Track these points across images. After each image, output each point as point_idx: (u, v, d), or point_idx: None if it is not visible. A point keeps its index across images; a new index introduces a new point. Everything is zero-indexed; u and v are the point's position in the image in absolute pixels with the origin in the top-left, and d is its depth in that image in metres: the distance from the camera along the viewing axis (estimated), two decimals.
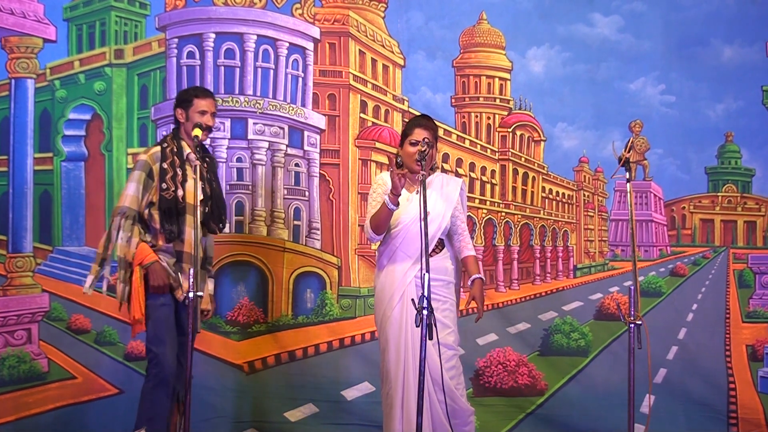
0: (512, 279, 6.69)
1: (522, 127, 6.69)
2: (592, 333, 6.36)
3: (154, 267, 4.56)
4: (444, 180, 4.69)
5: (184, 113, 4.71)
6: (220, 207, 4.83)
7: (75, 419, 5.83)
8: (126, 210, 4.56)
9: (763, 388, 6.03)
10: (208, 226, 4.76)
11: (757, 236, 6.43)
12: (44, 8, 6.17)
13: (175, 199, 4.57)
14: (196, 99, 4.69)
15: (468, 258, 4.63)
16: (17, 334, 5.97)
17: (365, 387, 6.08)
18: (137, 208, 4.59)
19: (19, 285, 6.05)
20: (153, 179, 4.60)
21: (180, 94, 4.89)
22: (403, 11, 6.49)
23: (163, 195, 4.57)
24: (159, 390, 4.58)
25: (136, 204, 4.58)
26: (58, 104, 6.24)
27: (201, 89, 4.91)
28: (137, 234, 4.59)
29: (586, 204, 6.75)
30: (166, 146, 4.68)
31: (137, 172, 4.63)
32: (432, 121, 4.65)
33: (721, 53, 6.32)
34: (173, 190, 4.57)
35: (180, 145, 4.70)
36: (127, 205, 4.57)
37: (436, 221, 4.50)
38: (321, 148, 6.43)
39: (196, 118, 4.63)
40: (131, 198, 4.58)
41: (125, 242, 4.55)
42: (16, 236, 6.09)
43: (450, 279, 4.56)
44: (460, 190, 4.67)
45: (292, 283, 6.25)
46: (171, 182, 4.58)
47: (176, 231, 4.60)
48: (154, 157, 4.64)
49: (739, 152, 6.42)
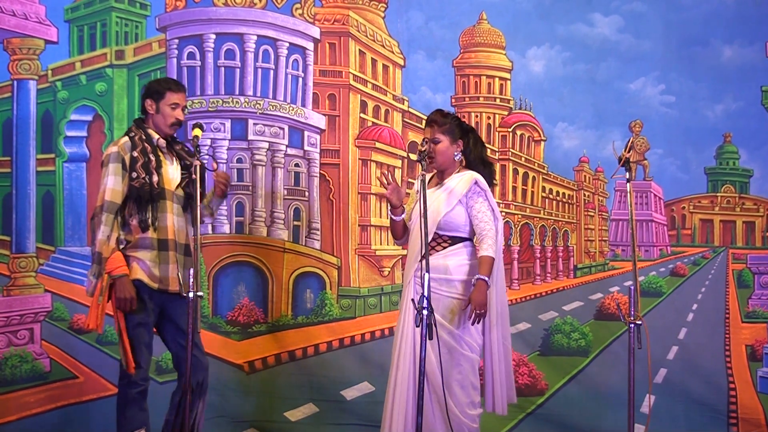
0: (512, 279, 6.67)
1: (522, 126, 6.69)
2: (592, 333, 6.35)
3: (121, 280, 4.43)
4: (460, 176, 4.52)
5: (155, 105, 4.59)
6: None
7: (77, 419, 5.86)
8: (108, 205, 4.46)
9: (762, 388, 6.02)
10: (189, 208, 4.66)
11: (756, 236, 6.42)
12: (45, 10, 6.18)
13: (148, 186, 4.47)
14: (169, 92, 4.59)
15: (480, 258, 4.39)
16: (20, 333, 6.00)
17: (365, 387, 6.10)
18: (119, 201, 4.49)
19: (22, 285, 6.07)
20: (127, 169, 4.50)
21: (151, 84, 4.74)
22: (403, 11, 6.50)
23: (133, 184, 4.47)
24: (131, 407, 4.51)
25: (118, 197, 4.48)
26: (59, 105, 6.26)
27: (174, 82, 4.78)
28: (117, 229, 4.49)
29: (586, 204, 6.74)
30: (134, 135, 4.56)
31: (112, 164, 4.49)
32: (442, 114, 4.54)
33: (721, 53, 6.30)
34: (144, 177, 4.47)
35: (148, 133, 4.60)
36: (109, 200, 4.46)
37: (430, 218, 4.37)
38: (321, 148, 6.44)
39: (168, 111, 4.56)
40: (111, 192, 4.47)
41: (105, 238, 4.44)
42: (19, 236, 6.11)
43: (453, 277, 4.43)
44: (471, 183, 4.45)
45: (292, 284, 6.26)
46: (141, 170, 4.48)
47: (149, 219, 4.51)
48: (125, 147, 4.51)
49: (737, 153, 6.40)
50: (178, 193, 4.62)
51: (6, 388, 5.84)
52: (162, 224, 4.56)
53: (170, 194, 4.55)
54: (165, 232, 4.56)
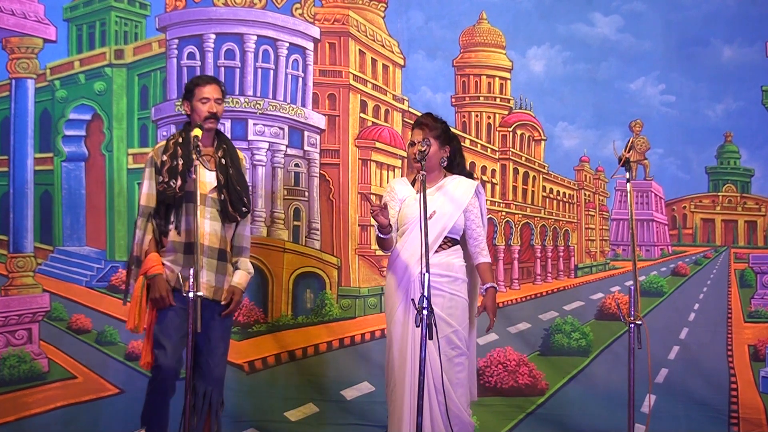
0: (513, 279, 6.68)
1: (522, 126, 6.68)
2: (593, 333, 6.34)
3: (155, 280, 4.48)
4: (458, 181, 4.67)
5: (189, 104, 4.61)
6: (239, 193, 4.64)
7: (75, 419, 5.85)
8: (143, 209, 4.55)
9: (764, 388, 6.01)
10: (225, 213, 4.62)
11: (758, 236, 6.42)
12: (44, 9, 6.18)
13: (171, 190, 4.48)
14: (197, 87, 4.58)
15: (481, 265, 4.63)
16: (18, 333, 5.99)
17: (365, 387, 6.10)
18: (153, 204, 4.54)
19: (20, 285, 6.07)
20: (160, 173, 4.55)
21: (185, 85, 4.76)
22: (403, 11, 6.48)
23: (157, 187, 4.51)
24: (154, 394, 4.52)
25: (152, 200, 4.53)
26: (58, 104, 6.25)
27: (202, 76, 4.80)
28: (151, 231, 4.54)
29: (587, 203, 6.74)
30: (171, 138, 4.62)
31: (147, 169, 4.58)
32: (432, 118, 4.65)
33: (721, 53, 6.30)
34: (167, 180, 4.48)
35: (188, 135, 4.53)
36: (144, 204, 4.55)
37: (441, 221, 4.53)
38: (321, 148, 6.43)
39: (199, 107, 4.54)
40: (145, 196, 4.55)
41: (139, 241, 4.54)
42: (17, 236, 6.11)
43: (457, 276, 4.54)
44: (474, 192, 4.65)
45: (292, 284, 6.25)
46: (166, 174, 4.49)
47: (174, 222, 4.52)
48: (159, 151, 4.58)
49: (738, 152, 6.40)
50: (214, 197, 4.58)
51: (4, 389, 5.84)
52: (188, 227, 4.52)
53: (203, 198, 4.48)
54: (191, 235, 4.48)
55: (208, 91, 4.57)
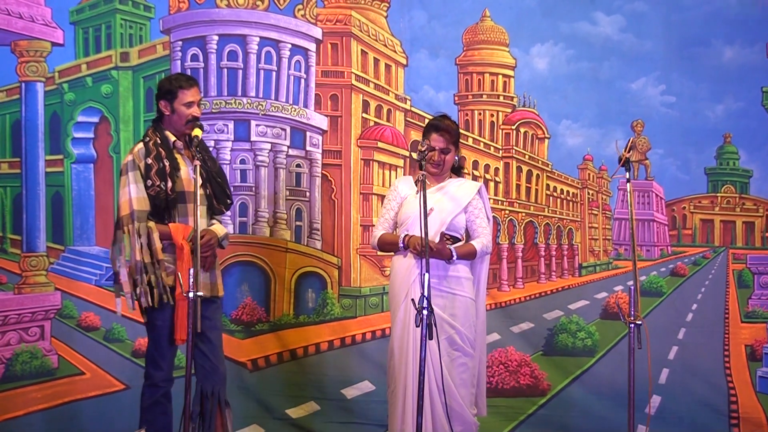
0: (516, 277, 6.68)
1: (526, 124, 6.67)
2: (598, 332, 6.35)
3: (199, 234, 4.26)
4: (460, 183, 4.74)
5: (169, 105, 4.51)
6: (221, 185, 4.64)
7: (83, 414, 5.97)
8: (138, 214, 4.39)
9: (762, 388, 6.00)
10: (211, 208, 4.62)
11: (756, 237, 6.37)
12: (51, 12, 6.23)
13: (164, 193, 4.41)
14: (181, 90, 4.49)
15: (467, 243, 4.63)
16: (31, 330, 6.11)
17: (366, 386, 6.16)
18: (147, 207, 4.43)
19: (33, 283, 6.17)
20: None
21: (162, 83, 4.64)
22: (406, 10, 6.48)
23: (149, 192, 4.42)
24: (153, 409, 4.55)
25: (145, 204, 4.41)
26: (66, 107, 6.33)
27: (184, 78, 4.65)
28: (155, 229, 4.42)
29: (590, 202, 6.71)
30: (148, 140, 4.50)
31: (131, 173, 4.43)
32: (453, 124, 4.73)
33: (722, 54, 6.24)
34: (158, 184, 4.41)
35: (164, 135, 4.52)
36: (138, 208, 4.39)
37: (438, 216, 4.54)
38: (323, 148, 6.46)
39: (183, 110, 4.49)
40: (137, 200, 4.40)
41: (146, 246, 4.38)
42: (29, 236, 6.21)
43: (459, 274, 4.55)
44: (476, 193, 4.68)
45: (294, 283, 6.32)
46: (156, 177, 4.41)
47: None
48: (139, 154, 4.45)
49: (737, 153, 6.35)
50: (202, 193, 4.48)
51: (14, 384, 5.96)
52: None
53: (191, 196, 4.42)
54: None
55: (192, 95, 4.54)
